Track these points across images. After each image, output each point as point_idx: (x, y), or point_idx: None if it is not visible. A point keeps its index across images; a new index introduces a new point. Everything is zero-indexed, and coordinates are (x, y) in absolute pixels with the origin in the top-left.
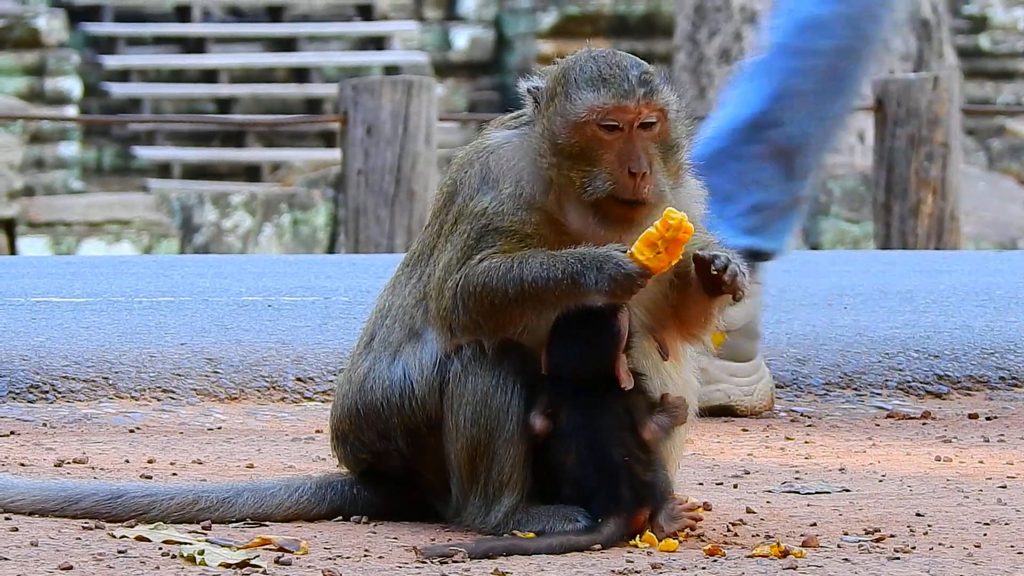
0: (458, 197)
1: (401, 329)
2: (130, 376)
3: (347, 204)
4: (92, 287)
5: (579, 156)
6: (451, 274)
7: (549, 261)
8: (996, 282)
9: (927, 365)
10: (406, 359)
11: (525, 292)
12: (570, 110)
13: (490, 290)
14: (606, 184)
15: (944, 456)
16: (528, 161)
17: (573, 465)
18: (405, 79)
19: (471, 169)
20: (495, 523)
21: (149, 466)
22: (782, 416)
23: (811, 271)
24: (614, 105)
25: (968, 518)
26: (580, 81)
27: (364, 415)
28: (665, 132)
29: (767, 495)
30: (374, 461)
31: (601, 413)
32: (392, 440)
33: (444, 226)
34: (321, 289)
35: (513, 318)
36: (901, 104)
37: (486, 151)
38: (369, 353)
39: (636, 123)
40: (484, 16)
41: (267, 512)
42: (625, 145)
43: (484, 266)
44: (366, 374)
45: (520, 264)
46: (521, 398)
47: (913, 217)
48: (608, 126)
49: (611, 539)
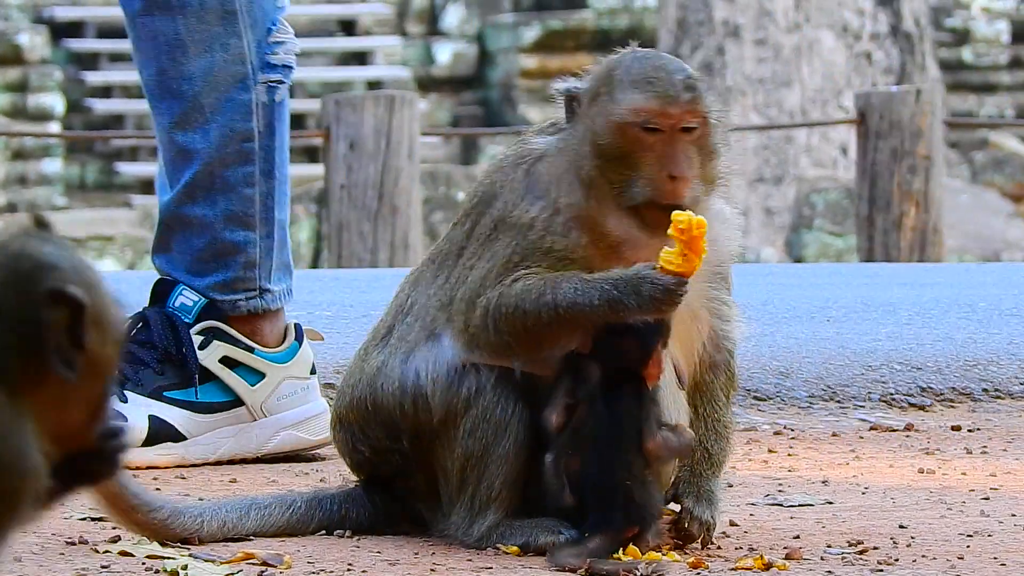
0: (498, 201)
1: (421, 329)
2: None
3: (330, 219)
4: None
5: (619, 158)
6: (485, 290)
7: (584, 287)
8: (979, 294)
9: (910, 377)
10: (420, 361)
11: (560, 318)
12: (614, 110)
13: (522, 313)
14: (645, 189)
15: (927, 468)
16: (571, 169)
17: (574, 471)
18: (388, 94)
19: (514, 173)
20: (477, 536)
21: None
22: (765, 429)
23: (794, 284)
24: (659, 108)
25: (951, 530)
26: (626, 82)
27: (373, 410)
28: (704, 138)
29: (750, 508)
30: (371, 456)
31: (616, 424)
32: (398, 440)
33: (477, 228)
34: (304, 304)
35: (546, 342)
36: (884, 117)
37: (532, 157)
38: (385, 347)
39: (678, 127)
40: (467, 31)
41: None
42: (666, 148)
43: (519, 287)
44: (378, 368)
45: (554, 289)
46: (521, 419)
47: (896, 230)
48: (651, 128)
49: (597, 552)
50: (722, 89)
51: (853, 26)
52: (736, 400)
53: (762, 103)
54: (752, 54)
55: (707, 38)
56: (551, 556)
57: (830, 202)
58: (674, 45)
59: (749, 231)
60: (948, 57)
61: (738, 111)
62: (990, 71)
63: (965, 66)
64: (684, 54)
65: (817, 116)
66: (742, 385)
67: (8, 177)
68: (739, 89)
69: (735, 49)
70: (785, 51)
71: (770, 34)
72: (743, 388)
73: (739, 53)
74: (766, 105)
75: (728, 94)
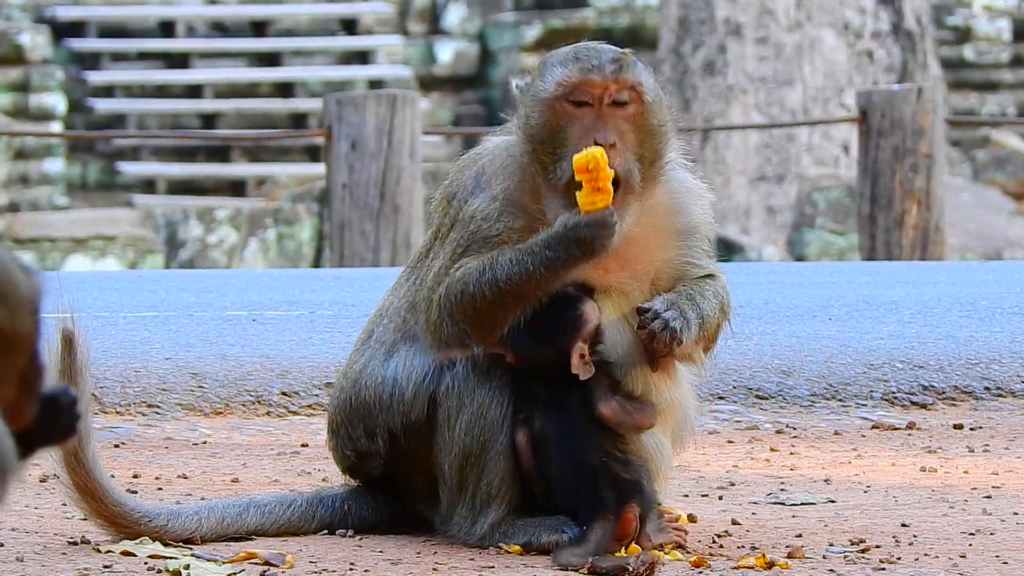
0: (455, 200)
1: (396, 331)
2: (115, 391)
3: (332, 218)
4: (77, 302)
5: (549, 138)
6: (437, 286)
7: (518, 255)
8: (980, 293)
9: (912, 376)
10: (398, 361)
11: (503, 292)
12: (542, 89)
13: (469, 296)
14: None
15: (929, 466)
16: (514, 160)
17: (556, 476)
18: (389, 93)
19: (467, 172)
20: (481, 534)
21: (134, 481)
22: (767, 427)
23: (796, 282)
24: (581, 78)
25: (953, 528)
26: (553, 62)
27: (354, 409)
28: (642, 114)
29: (752, 506)
30: (357, 461)
31: (572, 416)
32: (376, 440)
33: (441, 229)
34: (306, 303)
35: (498, 320)
36: (885, 115)
37: (480, 155)
38: (366, 349)
39: (606, 99)
40: (468, 30)
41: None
42: (594, 121)
43: (460, 273)
44: (361, 369)
45: (492, 266)
46: (517, 412)
47: (898, 228)
48: (577, 101)
49: (599, 548)
50: (724, 88)
51: (855, 24)
52: (738, 399)
53: (764, 102)
54: (754, 52)
55: (709, 37)
56: (554, 556)
57: (832, 200)
58: (675, 43)
59: (751, 230)
60: (950, 55)
61: (740, 109)
62: (992, 69)
63: (967, 64)
64: (686, 52)
65: (819, 114)
66: (744, 384)
67: (10, 177)
68: (741, 87)
69: (737, 48)
70: (787, 49)
71: (772, 32)
72: (745, 387)
73: (741, 52)
74: (768, 104)
75: (730, 93)
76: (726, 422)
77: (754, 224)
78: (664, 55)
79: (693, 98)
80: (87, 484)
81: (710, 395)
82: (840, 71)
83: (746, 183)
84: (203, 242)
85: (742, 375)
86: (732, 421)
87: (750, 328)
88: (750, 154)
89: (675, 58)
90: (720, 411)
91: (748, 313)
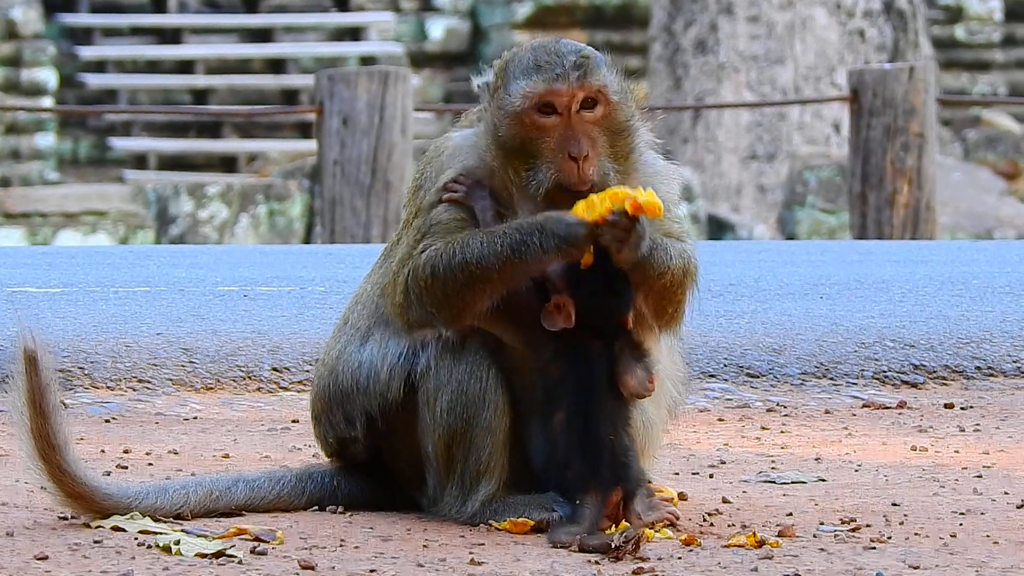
0: (421, 191)
1: (369, 316)
2: (106, 366)
3: (323, 195)
4: (68, 277)
5: (520, 149)
6: (401, 269)
7: (490, 238)
8: (971, 272)
9: (903, 355)
10: (373, 345)
11: (473, 275)
12: (507, 101)
13: (438, 279)
14: (549, 174)
15: (920, 446)
16: (476, 156)
17: (560, 428)
18: (381, 70)
19: (431, 165)
20: (471, 512)
21: (125, 456)
22: (758, 406)
23: (787, 261)
24: (546, 89)
25: (944, 508)
26: (516, 71)
27: (333, 395)
28: (610, 114)
29: (743, 485)
30: (340, 447)
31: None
32: (355, 425)
33: (409, 217)
34: (297, 279)
35: (467, 304)
36: (877, 94)
37: (444, 149)
38: (342, 336)
39: (573, 106)
40: (460, 7)
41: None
42: (565, 131)
43: (426, 256)
44: (338, 355)
45: (462, 247)
46: (498, 385)
47: (889, 207)
48: (545, 112)
49: (592, 527)
50: (715, 66)
51: (846, 3)
52: (729, 377)
53: (755, 80)
54: (745, 31)
55: (700, 15)
56: (548, 533)
57: (823, 179)
58: (667, 22)
59: (742, 208)
60: (941, 35)
61: (731, 88)
62: (983, 49)
63: (958, 44)
64: (677, 31)
65: (810, 93)
66: (734, 362)
67: (1, 151)
68: (732, 66)
69: (728, 26)
70: (778, 28)
71: (763, 11)
72: (735, 365)
73: (732, 30)
74: (759, 82)
75: (721, 71)
76: (717, 400)
77: (745, 202)
78: (656, 33)
79: (684, 76)
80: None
81: (701, 373)
82: (832, 50)
83: (737, 162)
84: (194, 218)
85: (733, 353)
86: (723, 399)
87: (741, 306)
88: (741, 132)
89: (667, 36)
90: (711, 389)
91: (739, 291)
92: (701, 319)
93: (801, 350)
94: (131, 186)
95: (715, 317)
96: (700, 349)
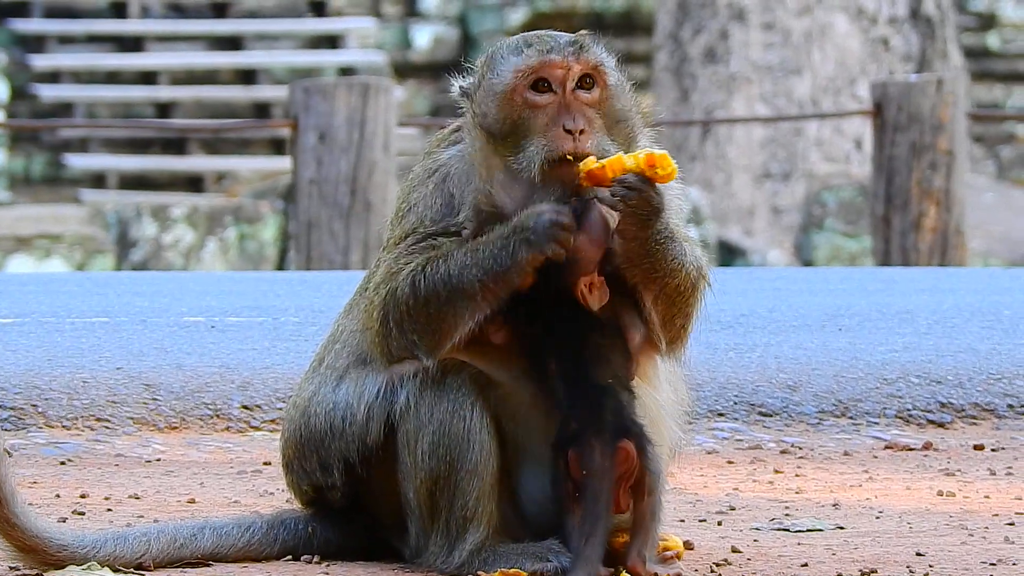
0: (411, 215)
1: (349, 355)
2: (61, 403)
3: (298, 217)
4: (20, 307)
5: (511, 131)
6: (380, 291)
7: (471, 247)
8: (1004, 302)
9: (929, 392)
10: (349, 384)
11: (456, 289)
12: (497, 82)
13: (419, 298)
14: (541, 147)
15: (947, 490)
16: (474, 173)
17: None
18: (361, 81)
19: (425, 188)
20: (459, 563)
21: (82, 501)
22: (771, 447)
23: (803, 289)
24: (540, 62)
25: (972, 558)
26: (505, 54)
27: (305, 440)
28: (607, 100)
29: (754, 533)
30: (315, 495)
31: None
32: (332, 472)
33: (391, 241)
34: (269, 309)
35: (450, 325)
36: (902, 108)
37: (439, 172)
38: (316, 376)
39: (569, 82)
40: (448, 12)
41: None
42: (559, 107)
43: (406, 273)
44: (310, 398)
45: (444, 260)
46: (483, 422)
47: (915, 231)
48: (539, 88)
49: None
50: (726, 77)
51: (869, 9)
52: (739, 416)
53: (769, 92)
54: (759, 39)
55: (710, 21)
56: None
57: (843, 200)
58: (674, 28)
59: (754, 232)
60: (972, 43)
61: (743, 101)
62: (1018, 59)
63: (991, 53)
64: (685, 38)
65: (829, 107)
66: (746, 399)
67: None
68: (744, 77)
69: (740, 33)
70: (795, 36)
71: (778, 17)
72: (747, 403)
73: (745, 38)
74: (774, 94)
75: (732, 82)
76: (726, 441)
77: (758, 225)
78: (661, 41)
79: (692, 88)
80: (8, 520)
81: (709, 411)
82: (853, 59)
83: (750, 181)
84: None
85: (744, 390)
86: (733, 440)
87: (753, 339)
88: (754, 149)
89: (673, 44)
90: (720, 429)
91: (751, 323)
92: (709, 353)
93: (818, 387)
94: (89, 207)
95: (725, 351)
96: (708, 385)
